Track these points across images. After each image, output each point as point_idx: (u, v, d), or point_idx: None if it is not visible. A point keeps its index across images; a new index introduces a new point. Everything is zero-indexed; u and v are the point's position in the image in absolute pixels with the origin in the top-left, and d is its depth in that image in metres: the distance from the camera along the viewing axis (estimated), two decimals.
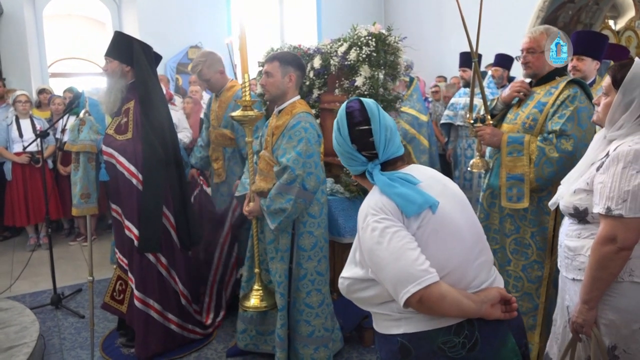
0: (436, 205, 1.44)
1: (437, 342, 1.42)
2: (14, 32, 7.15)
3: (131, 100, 3.11)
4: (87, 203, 3.04)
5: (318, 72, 3.32)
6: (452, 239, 1.46)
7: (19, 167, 5.51)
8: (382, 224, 1.41)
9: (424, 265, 1.37)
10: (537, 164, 2.47)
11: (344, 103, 1.60)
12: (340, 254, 3.31)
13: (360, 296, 1.55)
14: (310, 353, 2.85)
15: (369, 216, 1.45)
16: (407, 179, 1.48)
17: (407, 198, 1.43)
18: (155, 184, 3.05)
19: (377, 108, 1.56)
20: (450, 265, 1.43)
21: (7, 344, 2.97)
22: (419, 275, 1.35)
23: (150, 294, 3.13)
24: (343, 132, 1.55)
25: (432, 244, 1.42)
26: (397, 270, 1.37)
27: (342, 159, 1.61)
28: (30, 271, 4.68)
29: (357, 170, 1.59)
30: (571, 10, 7.31)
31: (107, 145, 3.05)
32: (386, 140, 1.53)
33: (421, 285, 1.35)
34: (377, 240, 1.41)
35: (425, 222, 1.43)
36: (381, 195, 1.47)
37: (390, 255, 1.38)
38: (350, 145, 1.54)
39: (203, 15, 8.26)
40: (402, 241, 1.39)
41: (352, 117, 1.54)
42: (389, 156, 1.55)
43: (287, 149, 2.67)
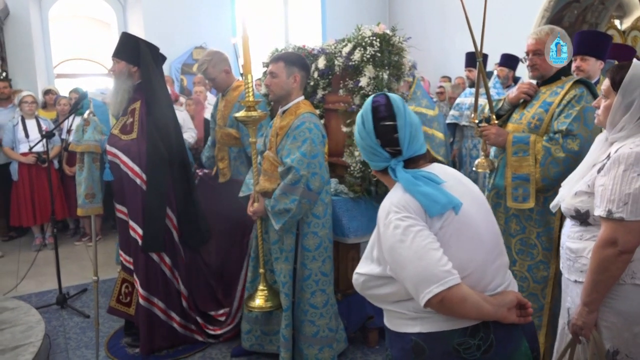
0: (459, 207, 1.43)
1: (453, 343, 1.42)
2: (20, 33, 7.19)
3: (137, 101, 3.13)
4: (92, 203, 3.05)
5: (322, 72, 3.32)
6: (472, 241, 1.45)
7: (25, 168, 5.53)
8: (405, 222, 1.40)
9: (447, 266, 1.36)
10: (543, 164, 2.46)
11: (370, 97, 1.57)
12: (344, 254, 3.31)
13: (375, 293, 1.54)
14: (314, 353, 2.85)
15: (392, 214, 1.43)
16: (431, 178, 1.46)
17: (431, 197, 1.42)
18: (158, 184, 3.06)
19: (402, 104, 1.54)
20: (470, 267, 1.42)
21: (13, 343, 2.98)
22: (442, 275, 1.35)
23: (154, 292, 3.15)
24: (367, 126, 1.53)
25: (454, 245, 1.41)
26: (420, 269, 1.36)
27: (364, 153, 1.59)
28: (36, 271, 4.70)
29: (379, 166, 1.57)
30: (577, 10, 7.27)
31: (112, 145, 3.06)
32: (410, 137, 1.51)
33: (444, 286, 1.34)
34: (399, 238, 1.39)
35: (448, 222, 1.42)
36: (404, 193, 1.45)
37: (414, 254, 1.37)
38: (375, 140, 1.52)
39: (208, 15, 8.27)
40: (425, 241, 1.38)
41: (377, 112, 1.52)
42: (412, 153, 1.53)
43: (292, 150, 2.67)
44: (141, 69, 3.10)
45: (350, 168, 3.00)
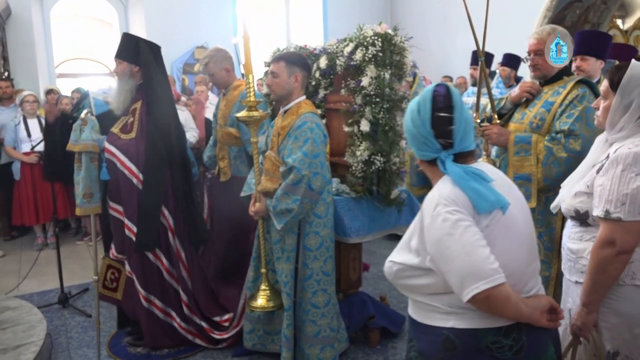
0: (507, 206, 1.43)
1: (486, 342, 1.43)
2: (21, 33, 7.20)
3: (139, 101, 3.13)
4: (90, 202, 3.05)
5: (324, 72, 3.31)
6: (515, 242, 1.46)
7: (27, 167, 5.54)
8: (454, 216, 1.39)
9: (494, 264, 1.37)
10: (545, 164, 2.46)
11: (430, 86, 1.56)
12: (346, 254, 3.30)
13: (408, 283, 1.54)
14: (316, 353, 2.85)
15: (440, 206, 1.42)
16: (480, 175, 1.46)
17: (480, 194, 1.42)
18: (155, 184, 3.06)
19: (460, 98, 1.53)
20: (511, 268, 1.42)
21: (15, 342, 2.99)
22: (490, 273, 1.35)
23: (152, 291, 3.15)
24: (424, 115, 1.51)
25: (498, 245, 1.41)
26: (468, 264, 1.36)
27: (413, 141, 1.56)
28: (38, 270, 4.71)
29: (427, 156, 1.54)
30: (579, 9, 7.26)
31: (110, 144, 3.06)
32: (464, 132, 1.50)
33: (491, 283, 1.35)
34: (448, 231, 1.39)
35: (495, 221, 1.42)
36: (454, 187, 1.44)
37: (462, 248, 1.37)
38: (429, 130, 1.50)
39: (209, 15, 8.28)
40: (475, 237, 1.38)
41: (436, 102, 1.50)
42: (462, 148, 1.51)
43: (293, 149, 2.67)
44: (141, 68, 3.11)
45: (352, 168, 2.99)
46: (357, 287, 3.43)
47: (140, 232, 3.05)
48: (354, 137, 3.00)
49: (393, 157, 2.99)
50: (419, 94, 1.42)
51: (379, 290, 4.22)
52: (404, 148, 3.07)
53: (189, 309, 3.25)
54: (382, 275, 4.57)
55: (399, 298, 4.06)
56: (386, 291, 4.17)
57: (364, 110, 2.93)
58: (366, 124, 2.91)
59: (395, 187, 3.05)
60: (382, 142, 2.93)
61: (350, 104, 3.01)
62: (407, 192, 3.26)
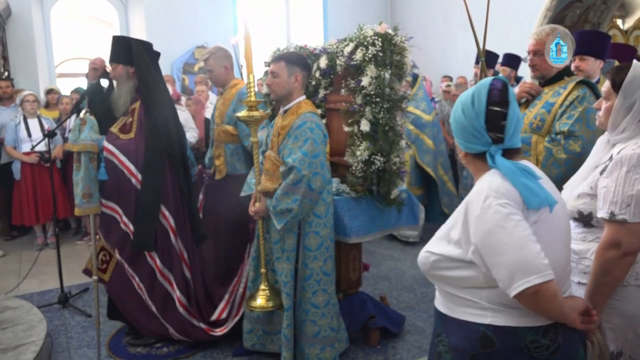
0: (554, 205, 1.43)
1: (525, 340, 1.42)
2: (21, 32, 7.19)
3: (137, 100, 3.15)
4: (90, 203, 3.04)
5: (324, 72, 3.32)
6: (558, 241, 1.47)
7: (27, 167, 5.54)
8: (506, 209, 1.38)
9: (545, 260, 1.36)
10: (545, 165, 2.45)
11: (487, 79, 1.55)
12: (346, 254, 3.30)
13: (444, 274, 1.52)
14: (316, 353, 2.85)
15: (491, 198, 1.40)
16: (529, 172, 1.45)
17: (531, 189, 1.41)
18: (153, 183, 3.06)
19: (514, 95, 1.52)
20: (553, 267, 1.40)
21: (15, 342, 2.99)
22: (542, 268, 1.34)
23: (138, 274, 3.16)
24: (478, 107, 1.49)
25: (544, 242, 1.40)
26: (520, 258, 1.35)
27: (462, 132, 1.54)
28: (38, 270, 4.71)
29: (475, 149, 1.52)
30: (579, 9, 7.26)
31: (109, 143, 3.06)
32: (515, 128, 1.49)
33: (543, 278, 1.34)
34: (500, 223, 1.37)
35: (542, 218, 1.42)
36: (504, 181, 1.43)
37: (514, 242, 1.35)
38: (482, 123, 1.49)
39: (209, 15, 8.28)
40: (526, 231, 1.37)
41: (492, 95, 1.49)
42: (511, 145, 1.51)
43: (293, 149, 2.67)
44: (135, 68, 3.11)
45: (352, 168, 2.99)
46: (357, 287, 3.43)
47: (138, 232, 3.05)
48: (354, 137, 3.00)
49: (393, 157, 2.99)
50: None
51: (379, 290, 4.22)
52: (403, 148, 3.07)
53: (187, 311, 3.21)
54: (382, 275, 4.57)
55: (398, 298, 4.06)
56: (386, 291, 4.17)
57: (364, 110, 2.93)
58: (366, 124, 2.91)
59: (395, 187, 3.05)
60: (382, 142, 2.93)
61: (351, 104, 3.01)
62: (407, 192, 3.26)
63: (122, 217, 3.10)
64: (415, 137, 5.34)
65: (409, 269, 4.73)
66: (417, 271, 4.67)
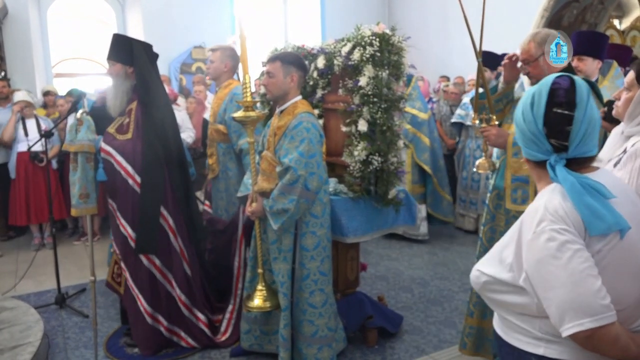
0: (626, 230, 1.22)
1: None
2: (18, 32, 7.17)
3: (134, 101, 3.13)
4: (87, 203, 3.04)
5: (322, 72, 3.31)
6: (631, 271, 1.26)
7: (22, 166, 5.53)
8: (562, 237, 1.20)
9: (606, 300, 1.18)
10: None
11: (551, 76, 1.36)
12: (343, 254, 3.30)
13: (496, 298, 1.39)
14: (313, 353, 2.85)
15: (546, 222, 1.23)
16: (598, 190, 1.24)
17: (596, 212, 1.20)
18: (153, 186, 3.05)
19: (588, 94, 1.31)
20: (624, 303, 1.25)
21: (12, 343, 2.98)
22: (599, 310, 1.17)
23: (140, 290, 3.13)
24: (537, 109, 1.31)
25: (610, 274, 1.23)
26: (573, 296, 1.18)
27: (521, 136, 1.38)
28: (35, 271, 4.70)
29: (535, 156, 1.36)
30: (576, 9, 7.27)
31: (107, 144, 3.06)
32: (585, 134, 1.28)
33: (600, 322, 1.16)
34: (553, 253, 1.21)
35: (610, 246, 1.23)
36: (565, 201, 1.24)
37: (568, 277, 1.18)
38: (540, 128, 1.31)
39: (207, 15, 8.26)
40: (585, 264, 1.19)
41: (555, 96, 1.30)
42: (579, 154, 1.30)
43: (290, 150, 2.67)
44: (135, 69, 3.10)
45: (350, 168, 3.00)
46: (354, 287, 3.43)
47: (140, 235, 3.03)
48: (352, 137, 3.00)
49: (391, 157, 2.99)
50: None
51: (376, 290, 4.22)
52: (401, 148, 3.07)
53: (185, 307, 3.23)
54: (379, 275, 4.57)
55: (396, 298, 4.06)
56: (384, 291, 4.17)
57: (361, 110, 2.93)
58: (364, 124, 2.91)
59: (392, 187, 3.05)
60: (380, 142, 2.93)
61: (348, 104, 3.01)
62: (405, 191, 3.26)
63: (119, 219, 3.09)
64: (413, 136, 5.37)
65: (406, 269, 4.73)
66: (414, 271, 4.67)
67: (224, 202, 3.62)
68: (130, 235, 3.07)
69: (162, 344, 3.21)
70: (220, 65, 3.55)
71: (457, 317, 3.69)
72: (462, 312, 3.72)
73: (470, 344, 2.85)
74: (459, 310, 3.78)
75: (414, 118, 5.39)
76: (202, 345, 3.26)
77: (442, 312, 3.80)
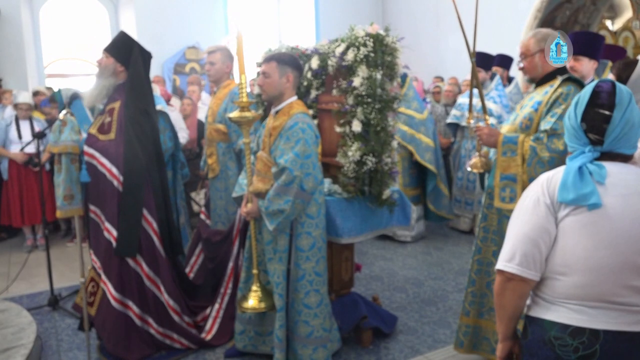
0: (594, 207, 1.41)
1: (549, 335, 1.44)
2: (10, 32, 7.14)
3: (117, 101, 3.08)
4: (71, 205, 3.00)
5: (316, 72, 3.31)
6: (602, 242, 1.41)
7: (14, 167, 5.49)
8: (538, 196, 1.50)
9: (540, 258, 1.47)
10: (530, 164, 2.47)
11: (596, 80, 1.53)
12: (338, 254, 3.30)
13: None
14: (309, 353, 2.85)
15: (531, 187, 1.55)
16: (593, 173, 1.44)
17: (570, 187, 1.44)
18: (135, 188, 3.01)
19: (629, 98, 1.47)
20: (585, 266, 1.41)
21: (4, 345, 2.96)
22: (531, 265, 1.47)
23: (128, 295, 3.08)
24: (579, 108, 1.51)
25: (573, 237, 1.43)
26: (520, 239, 1.49)
27: (567, 133, 1.59)
28: (28, 272, 4.67)
29: (573, 147, 1.55)
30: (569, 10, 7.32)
31: (89, 146, 3.02)
32: (621, 134, 1.45)
33: (524, 273, 1.46)
34: (526, 204, 1.52)
35: (576, 212, 1.43)
36: (555, 174, 1.51)
37: (527, 223, 1.49)
38: (579, 123, 1.50)
39: (200, 15, 8.25)
40: (543, 220, 1.47)
41: (596, 98, 1.47)
42: (614, 149, 1.48)
43: (285, 150, 2.67)
44: (129, 71, 3.08)
45: (344, 168, 2.99)
46: (349, 288, 3.43)
47: (121, 237, 2.99)
48: (346, 137, 3.00)
49: (385, 158, 2.99)
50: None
51: (371, 290, 4.22)
52: (395, 148, 3.07)
53: (175, 312, 3.19)
54: (374, 276, 4.57)
55: (391, 298, 4.06)
56: (378, 291, 4.18)
57: (355, 111, 2.93)
58: (358, 125, 2.91)
59: (387, 187, 3.06)
60: (374, 142, 2.93)
61: (342, 105, 3.01)
62: (399, 192, 3.26)
63: (104, 223, 3.05)
64: (411, 138, 5.33)
65: (401, 269, 4.74)
66: (408, 271, 4.68)
67: (223, 202, 3.62)
68: (115, 239, 3.01)
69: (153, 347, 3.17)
70: (222, 66, 3.58)
71: (452, 317, 3.70)
72: (457, 312, 3.73)
73: (467, 342, 2.86)
74: (453, 310, 3.79)
75: (411, 119, 5.35)
76: (197, 346, 3.25)
77: (436, 312, 3.81)
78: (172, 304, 3.19)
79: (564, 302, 1.44)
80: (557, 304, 1.45)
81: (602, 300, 1.40)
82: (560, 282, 1.45)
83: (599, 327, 1.39)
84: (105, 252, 3.07)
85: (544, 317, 1.46)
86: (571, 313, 1.42)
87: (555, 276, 1.46)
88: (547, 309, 1.46)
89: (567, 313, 1.43)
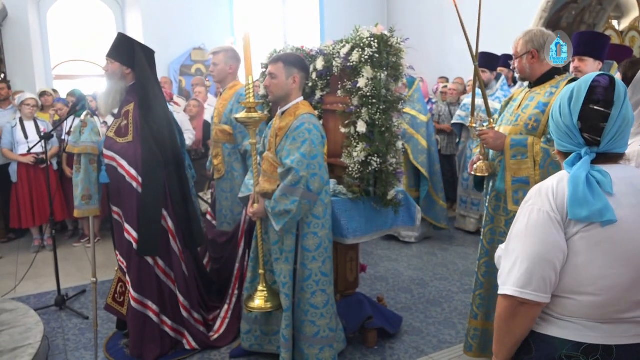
0: (607, 223, 1.31)
1: (560, 353, 1.38)
2: (18, 34, 7.18)
3: (131, 103, 3.12)
4: (89, 205, 3.05)
5: (321, 73, 3.32)
6: (617, 260, 1.32)
7: (24, 169, 5.53)
8: (540, 216, 1.36)
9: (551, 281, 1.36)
10: (543, 166, 2.46)
11: (592, 74, 1.41)
12: (343, 255, 3.31)
13: None
14: (315, 353, 2.86)
15: (532, 200, 1.40)
16: (600, 182, 1.33)
17: (581, 201, 1.31)
18: (154, 187, 3.05)
19: (625, 94, 1.37)
20: (602, 285, 1.33)
21: (12, 345, 2.98)
22: (544, 288, 1.36)
23: (148, 295, 3.12)
24: (575, 104, 1.37)
25: (586, 255, 1.33)
26: (529, 264, 1.38)
27: (556, 129, 1.45)
28: (35, 272, 4.70)
29: (566, 148, 1.43)
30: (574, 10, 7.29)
31: (108, 149, 3.05)
32: (618, 132, 1.36)
33: (537, 298, 1.36)
34: (525, 223, 1.39)
35: (588, 229, 1.32)
36: (558, 185, 1.37)
37: (530, 246, 1.38)
38: (574, 122, 1.37)
39: (206, 17, 8.28)
40: (548, 245, 1.35)
41: (593, 93, 1.36)
42: (610, 149, 1.38)
43: (291, 151, 2.68)
44: (136, 71, 3.10)
45: (349, 169, 3.00)
46: (354, 288, 3.43)
47: (142, 237, 3.04)
48: (351, 138, 3.01)
49: (390, 158, 2.99)
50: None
51: (376, 291, 4.22)
52: (400, 149, 3.07)
53: (185, 310, 3.24)
54: (379, 276, 4.58)
55: (396, 299, 4.06)
56: (383, 292, 4.18)
57: (360, 112, 2.93)
58: (363, 125, 2.92)
59: (392, 188, 3.06)
60: (379, 143, 2.94)
61: (347, 105, 3.02)
62: (404, 192, 3.26)
63: (124, 224, 3.09)
64: (410, 137, 5.33)
65: (406, 270, 4.73)
66: (414, 272, 4.68)
67: (229, 203, 3.64)
68: (135, 239, 3.06)
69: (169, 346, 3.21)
70: (224, 67, 3.59)
71: (457, 317, 3.69)
72: (462, 313, 3.72)
73: (476, 346, 2.83)
74: (459, 311, 3.79)
75: (414, 119, 5.37)
76: (203, 347, 3.27)
77: (441, 312, 3.81)
78: (182, 300, 3.23)
79: (576, 320, 1.38)
80: (569, 321, 1.39)
81: (615, 317, 1.36)
82: (573, 302, 1.37)
83: (612, 343, 1.35)
84: (126, 253, 3.12)
85: (554, 334, 1.39)
86: (584, 330, 1.36)
87: (567, 295, 1.38)
88: (557, 326, 1.39)
89: (580, 330, 1.36)
